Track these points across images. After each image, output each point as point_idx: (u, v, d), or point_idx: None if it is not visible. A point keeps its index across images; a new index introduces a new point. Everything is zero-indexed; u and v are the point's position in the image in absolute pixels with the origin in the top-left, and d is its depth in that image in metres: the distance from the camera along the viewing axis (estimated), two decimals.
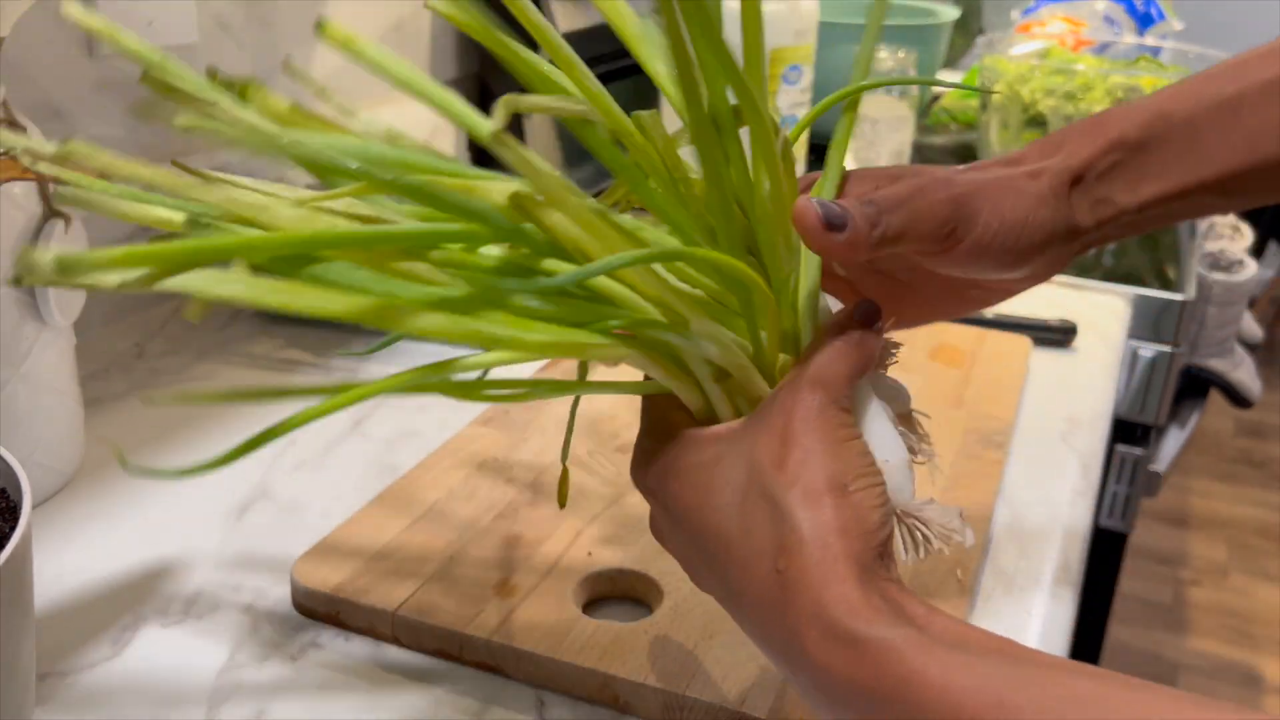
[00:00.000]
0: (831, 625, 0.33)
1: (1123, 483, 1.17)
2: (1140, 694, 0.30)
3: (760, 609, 0.36)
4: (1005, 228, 0.42)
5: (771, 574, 0.35)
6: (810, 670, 0.34)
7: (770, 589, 0.35)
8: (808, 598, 0.34)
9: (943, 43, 1.50)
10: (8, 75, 0.73)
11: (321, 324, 0.86)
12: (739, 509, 0.37)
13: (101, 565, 0.57)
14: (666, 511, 0.40)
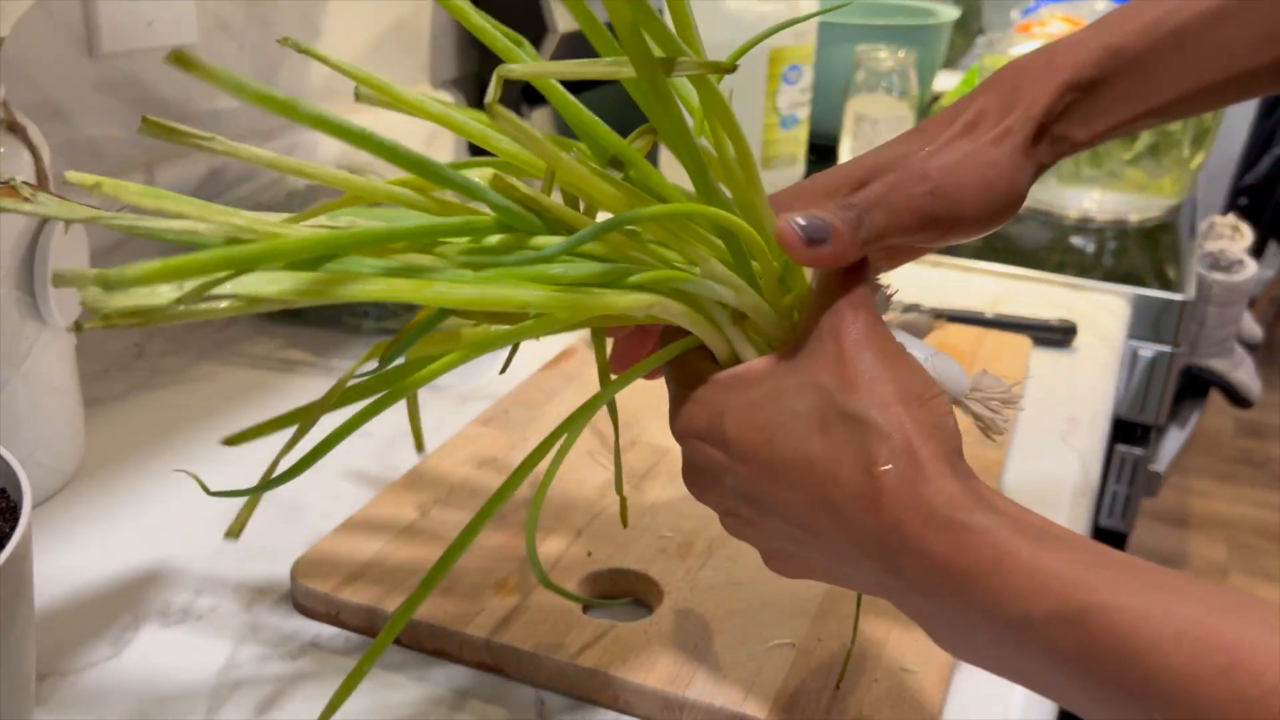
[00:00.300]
0: (933, 514, 0.35)
1: (1123, 483, 1.17)
2: (1214, 590, 0.31)
3: (854, 516, 0.36)
4: (988, 201, 0.44)
5: (866, 482, 0.36)
6: (909, 558, 0.35)
7: (865, 495, 0.36)
8: (909, 493, 0.35)
9: (943, 43, 1.50)
10: (8, 75, 0.74)
11: (321, 324, 0.86)
12: (817, 432, 0.38)
13: (101, 565, 0.57)
14: (726, 453, 0.40)
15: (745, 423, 0.39)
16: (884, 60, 1.25)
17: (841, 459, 0.37)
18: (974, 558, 0.34)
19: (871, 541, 0.36)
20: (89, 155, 0.82)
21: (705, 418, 0.41)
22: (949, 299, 0.95)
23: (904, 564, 0.35)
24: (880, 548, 0.36)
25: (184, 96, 0.89)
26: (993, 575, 0.33)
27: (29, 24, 0.75)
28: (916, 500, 0.35)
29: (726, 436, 0.40)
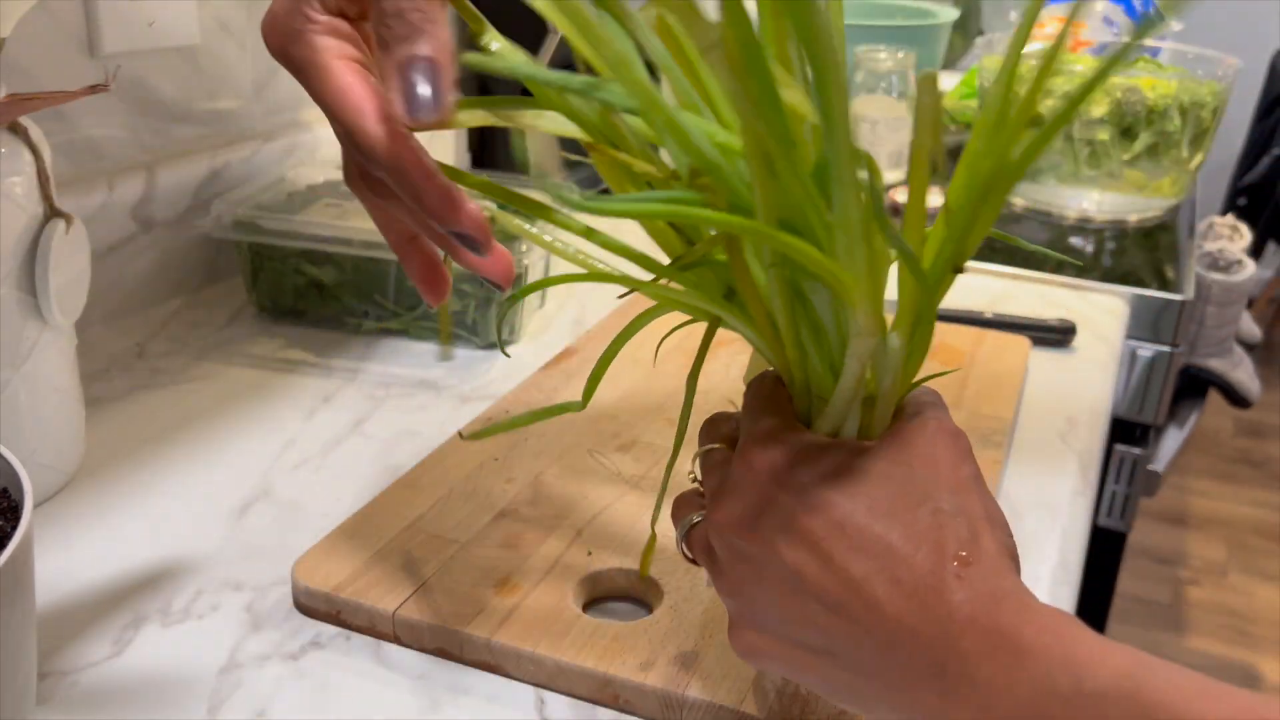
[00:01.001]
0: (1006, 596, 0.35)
1: (1121, 482, 1.17)
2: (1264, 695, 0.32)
3: (919, 594, 0.36)
4: None
5: (942, 566, 0.36)
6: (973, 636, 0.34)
7: (938, 578, 0.36)
8: (982, 584, 0.35)
9: (942, 44, 1.50)
10: (8, 75, 0.74)
11: (321, 324, 0.87)
12: (906, 512, 0.37)
13: (102, 565, 0.57)
14: (796, 498, 0.38)
15: (835, 481, 0.38)
16: (883, 61, 1.25)
17: (924, 542, 0.36)
18: (1036, 630, 0.34)
19: (921, 620, 0.35)
20: (90, 155, 0.83)
21: (791, 460, 0.39)
22: (948, 299, 0.95)
23: (963, 642, 0.34)
24: (929, 628, 0.35)
25: (184, 96, 0.90)
26: (1057, 648, 0.33)
27: (30, 24, 0.75)
28: (992, 588, 0.35)
29: (806, 485, 0.38)
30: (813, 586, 0.37)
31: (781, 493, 0.38)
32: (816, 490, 0.38)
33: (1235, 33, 2.94)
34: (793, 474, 0.39)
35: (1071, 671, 0.32)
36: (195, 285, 0.92)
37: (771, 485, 0.39)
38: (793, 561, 0.38)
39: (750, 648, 0.41)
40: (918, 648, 0.35)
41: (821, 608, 0.37)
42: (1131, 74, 1.17)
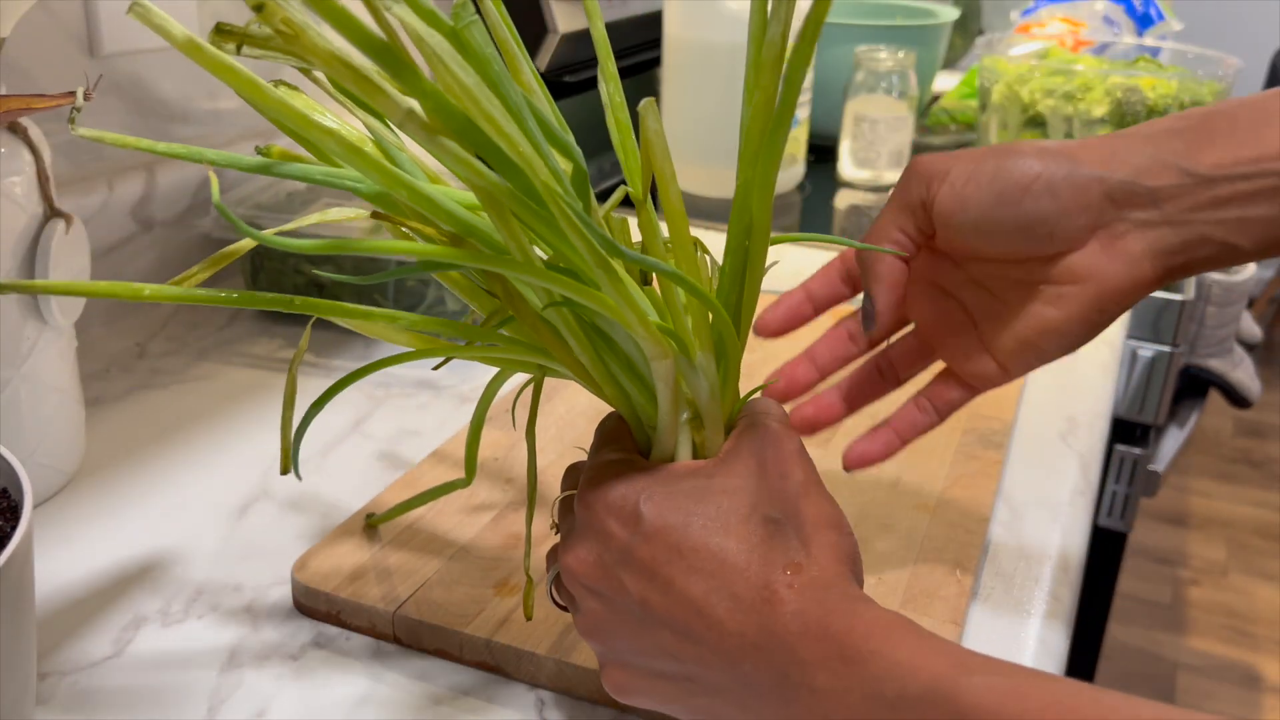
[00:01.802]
0: (837, 604, 0.35)
1: (1122, 482, 1.17)
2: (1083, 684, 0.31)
3: (754, 607, 0.36)
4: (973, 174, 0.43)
5: (775, 577, 0.36)
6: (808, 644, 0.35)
7: (770, 589, 0.36)
8: (816, 590, 0.36)
9: (942, 43, 1.50)
10: (8, 75, 0.74)
11: (321, 325, 0.87)
12: (738, 527, 0.38)
13: (102, 565, 0.57)
14: (633, 530, 0.39)
15: (666, 506, 0.39)
16: (884, 61, 1.25)
17: (755, 554, 0.37)
18: (864, 637, 0.34)
19: (763, 633, 0.36)
20: (89, 155, 0.83)
21: (622, 493, 0.40)
22: None
23: (801, 650, 0.35)
24: (771, 639, 0.36)
25: (184, 96, 0.90)
26: (879, 654, 0.33)
27: (29, 24, 0.75)
28: (823, 594, 0.36)
29: (640, 514, 0.39)
30: (660, 614, 0.38)
31: (619, 526, 0.39)
32: (650, 518, 0.38)
33: (1235, 33, 2.94)
34: (627, 505, 0.39)
35: (896, 677, 0.33)
36: (195, 286, 0.92)
37: (609, 520, 0.39)
38: (637, 592, 0.38)
39: (618, 686, 0.41)
40: (760, 661, 0.36)
41: (671, 634, 0.38)
42: (1132, 74, 1.17)
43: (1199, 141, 0.41)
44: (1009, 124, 1.22)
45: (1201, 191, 0.40)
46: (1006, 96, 1.22)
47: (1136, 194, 0.41)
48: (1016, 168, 0.42)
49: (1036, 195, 0.41)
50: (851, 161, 1.27)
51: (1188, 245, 0.41)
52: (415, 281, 0.83)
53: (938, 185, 0.43)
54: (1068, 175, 0.41)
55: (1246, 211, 0.40)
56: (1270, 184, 0.40)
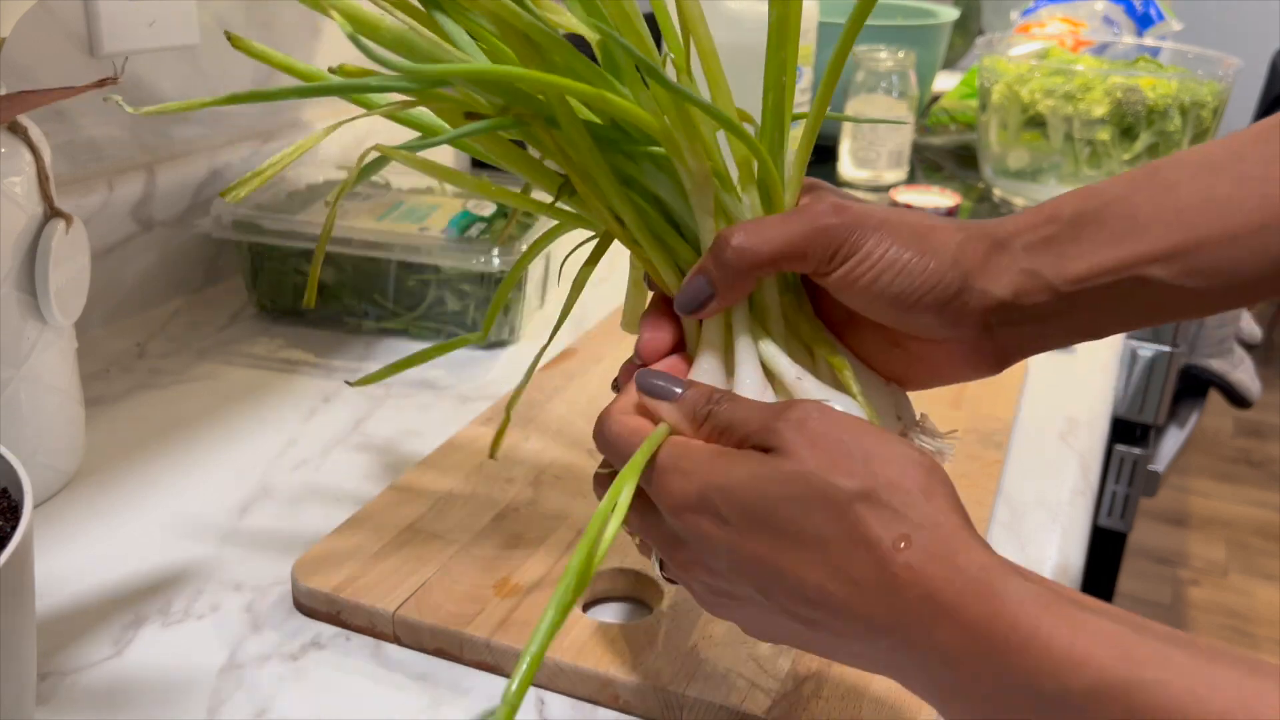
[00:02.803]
0: (969, 583, 0.34)
1: (1122, 482, 1.17)
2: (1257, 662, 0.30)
3: (875, 593, 0.35)
4: (882, 265, 0.42)
5: (887, 558, 0.35)
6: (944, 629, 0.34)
7: (887, 573, 0.35)
8: (940, 565, 0.34)
9: (942, 43, 1.50)
10: (8, 75, 0.74)
11: (322, 324, 0.87)
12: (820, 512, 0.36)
13: (102, 565, 0.57)
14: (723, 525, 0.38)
15: (745, 494, 0.38)
16: (884, 61, 1.25)
17: (855, 534, 0.36)
18: (1010, 625, 0.32)
19: (893, 617, 0.35)
20: (89, 155, 0.83)
21: (695, 490, 0.39)
22: None
23: (938, 636, 0.34)
24: (903, 622, 0.35)
25: (184, 97, 0.90)
26: (1029, 645, 0.32)
27: (30, 24, 0.75)
28: (950, 571, 0.34)
29: (721, 510, 0.38)
30: (782, 602, 0.38)
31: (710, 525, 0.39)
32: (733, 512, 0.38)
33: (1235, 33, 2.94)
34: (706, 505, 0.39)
35: (1053, 671, 0.31)
36: (195, 285, 0.92)
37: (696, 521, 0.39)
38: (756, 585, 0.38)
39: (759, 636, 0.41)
40: (897, 644, 0.35)
41: (796, 622, 0.38)
42: (1132, 74, 1.17)
43: (1071, 251, 0.43)
44: (1009, 124, 1.22)
45: (1063, 303, 0.43)
46: (1006, 96, 1.22)
47: (1010, 311, 0.44)
48: (919, 269, 0.43)
49: (926, 306, 0.43)
50: (851, 162, 1.27)
51: (1039, 341, 0.45)
52: (415, 282, 0.83)
53: (844, 259, 0.43)
54: (959, 291, 0.43)
55: (1097, 310, 0.43)
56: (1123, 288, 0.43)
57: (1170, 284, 0.42)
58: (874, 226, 0.43)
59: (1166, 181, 0.43)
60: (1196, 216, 0.42)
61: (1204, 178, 0.42)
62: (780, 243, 0.42)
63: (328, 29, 1.03)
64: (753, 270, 0.42)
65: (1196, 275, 0.42)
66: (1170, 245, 0.42)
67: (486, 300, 0.82)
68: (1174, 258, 0.42)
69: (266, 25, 0.96)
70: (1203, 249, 0.42)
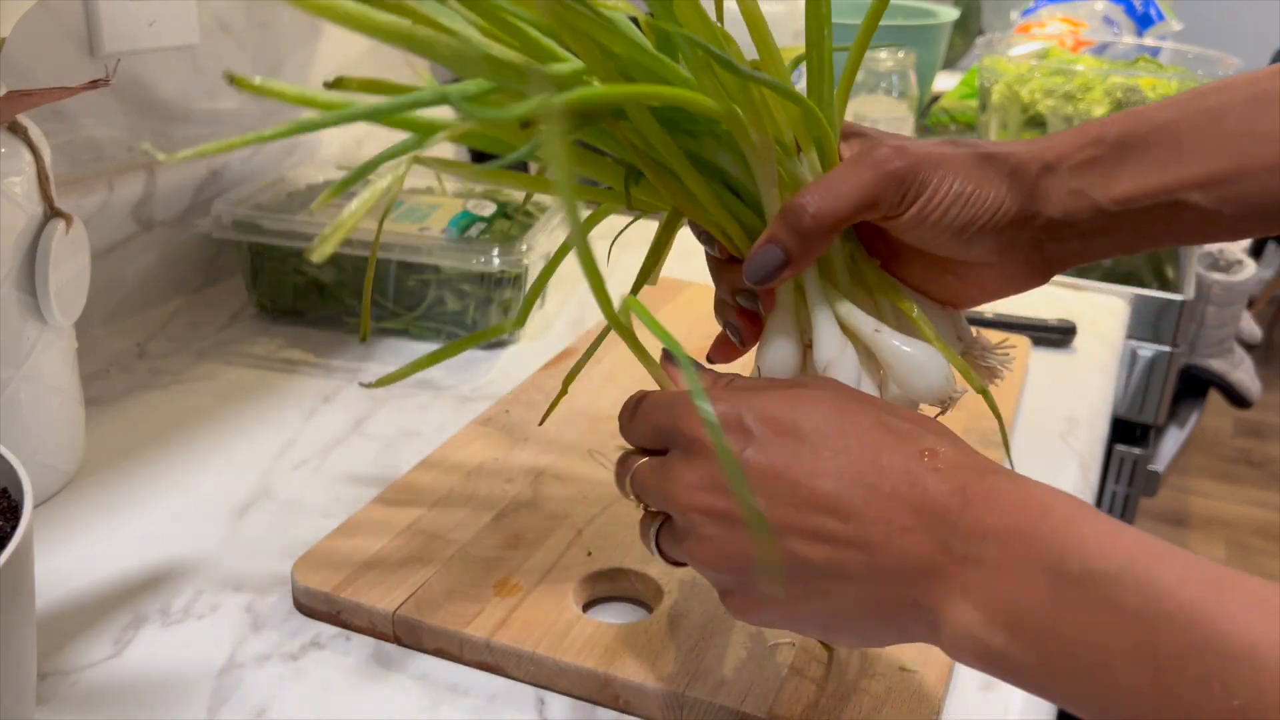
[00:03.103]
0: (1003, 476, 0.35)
1: (1122, 482, 1.17)
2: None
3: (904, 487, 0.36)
4: (949, 200, 0.44)
5: (918, 457, 0.36)
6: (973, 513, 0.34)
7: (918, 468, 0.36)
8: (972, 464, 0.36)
9: (942, 43, 1.50)
10: (8, 75, 0.74)
11: (322, 324, 0.87)
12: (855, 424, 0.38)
13: (102, 565, 0.57)
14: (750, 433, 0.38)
15: (775, 405, 0.39)
16: (884, 61, 1.25)
17: (885, 444, 0.37)
18: (1042, 510, 0.33)
19: (912, 515, 0.35)
20: (90, 155, 0.83)
21: (721, 410, 0.39)
22: None
23: (963, 522, 0.34)
24: (924, 520, 0.35)
25: (184, 97, 0.89)
26: (1062, 529, 0.32)
27: (29, 24, 0.75)
28: (983, 472, 0.35)
29: (745, 420, 0.39)
30: (786, 521, 0.37)
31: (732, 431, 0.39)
32: (759, 427, 0.38)
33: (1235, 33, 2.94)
34: (730, 420, 0.39)
35: (1080, 553, 0.32)
36: (195, 285, 0.92)
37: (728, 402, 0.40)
38: (762, 504, 0.38)
39: (741, 608, 0.40)
40: (909, 543, 0.35)
41: (800, 539, 0.37)
42: (1132, 74, 1.17)
43: (1115, 171, 0.45)
44: (1009, 124, 1.22)
45: (1108, 220, 0.45)
46: (1006, 96, 1.21)
47: (1059, 230, 0.45)
48: (986, 197, 0.44)
49: (992, 228, 0.44)
50: None
51: (1083, 254, 0.47)
52: (415, 282, 0.83)
53: (912, 200, 0.44)
54: (1020, 211, 0.45)
55: (1138, 229, 0.45)
56: (1164, 210, 0.44)
57: (1208, 209, 0.44)
58: (935, 163, 0.44)
59: (1212, 110, 0.44)
60: (1239, 146, 0.43)
61: (1250, 110, 0.44)
62: (855, 198, 0.43)
63: (328, 29, 1.03)
64: (832, 231, 0.43)
65: (1234, 202, 0.43)
66: (1211, 172, 0.43)
67: (487, 300, 0.82)
68: (1214, 184, 0.43)
69: (266, 25, 0.96)
70: (1243, 177, 0.43)
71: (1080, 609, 0.31)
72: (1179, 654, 0.29)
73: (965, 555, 0.34)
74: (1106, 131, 0.45)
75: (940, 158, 0.44)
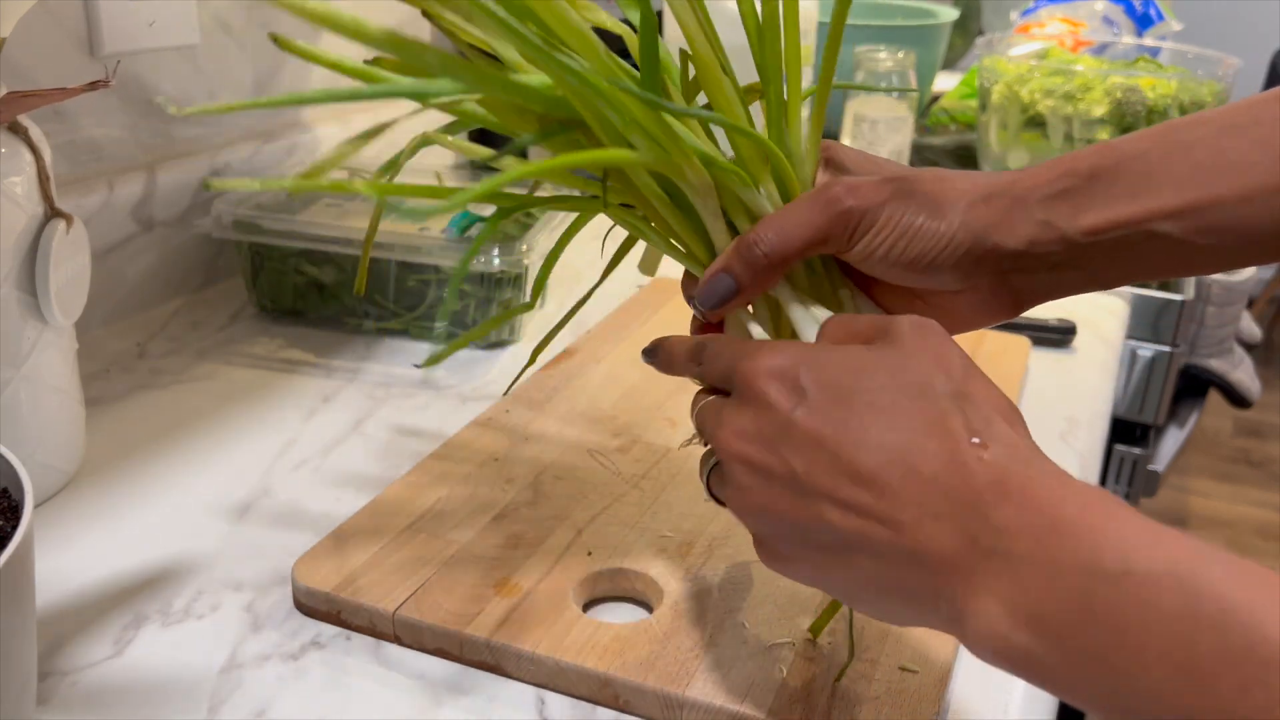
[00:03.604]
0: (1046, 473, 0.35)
1: (1121, 482, 1.17)
2: None
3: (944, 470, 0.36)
4: (895, 235, 0.44)
5: (964, 444, 0.36)
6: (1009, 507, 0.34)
7: (963, 455, 0.36)
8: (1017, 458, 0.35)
9: (942, 44, 1.50)
10: (8, 75, 0.74)
11: (322, 324, 0.87)
12: (910, 401, 0.37)
13: (102, 565, 0.57)
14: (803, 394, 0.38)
15: (831, 375, 0.38)
16: (883, 61, 1.25)
17: (935, 426, 0.36)
18: (1081, 506, 0.33)
19: (948, 502, 0.35)
20: (90, 155, 0.83)
21: (781, 364, 0.39)
22: None
23: (998, 516, 0.34)
24: (959, 508, 0.35)
25: (185, 96, 0.90)
26: (1101, 526, 0.32)
27: (30, 24, 0.75)
28: (1025, 466, 0.35)
29: (802, 385, 0.38)
30: (823, 487, 0.37)
31: (781, 396, 0.39)
32: (814, 388, 0.38)
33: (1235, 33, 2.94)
34: (788, 375, 0.39)
35: (1119, 551, 0.31)
36: (195, 285, 0.92)
37: (769, 389, 0.39)
38: (801, 465, 0.38)
39: (772, 557, 0.41)
40: (940, 530, 0.35)
41: (834, 507, 0.37)
42: (1132, 74, 1.17)
43: (1084, 202, 0.45)
44: (1009, 124, 1.22)
45: (1076, 251, 0.45)
46: (1006, 97, 1.22)
47: (1023, 260, 0.45)
48: (932, 230, 0.45)
49: (942, 261, 0.45)
50: None
51: (1051, 289, 0.47)
52: (415, 282, 0.83)
53: (860, 235, 0.45)
54: (973, 245, 0.45)
55: (1109, 261, 0.45)
56: (1136, 241, 0.44)
57: (1181, 239, 0.43)
58: (886, 200, 0.44)
59: (1184, 141, 0.44)
60: (1211, 176, 0.43)
61: (1221, 139, 0.43)
62: (806, 235, 0.44)
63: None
64: (783, 265, 0.44)
65: (1207, 232, 0.43)
66: (1183, 202, 0.43)
67: (487, 300, 0.82)
68: (1186, 214, 0.43)
69: (266, 25, 0.96)
70: (1215, 207, 0.43)
71: (1115, 609, 0.30)
72: (1219, 658, 0.28)
73: (993, 549, 0.34)
74: (1078, 164, 0.45)
75: (894, 192, 0.45)
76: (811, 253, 0.45)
